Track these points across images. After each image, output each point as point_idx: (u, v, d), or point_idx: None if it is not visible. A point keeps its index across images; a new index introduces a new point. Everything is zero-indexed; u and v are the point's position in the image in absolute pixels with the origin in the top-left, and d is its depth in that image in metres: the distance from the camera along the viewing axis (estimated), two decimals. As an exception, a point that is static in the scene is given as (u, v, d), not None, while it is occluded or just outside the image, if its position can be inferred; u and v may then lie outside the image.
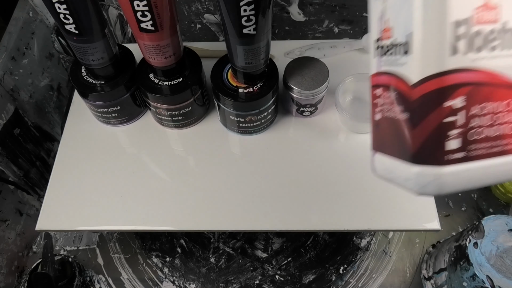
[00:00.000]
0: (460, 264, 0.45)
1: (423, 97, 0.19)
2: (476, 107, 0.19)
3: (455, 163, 0.19)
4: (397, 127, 0.21)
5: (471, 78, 0.19)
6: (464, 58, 0.19)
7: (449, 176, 0.19)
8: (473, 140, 0.19)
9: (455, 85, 0.19)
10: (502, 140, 0.19)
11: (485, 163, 0.19)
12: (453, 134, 0.19)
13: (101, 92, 0.41)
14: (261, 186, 0.41)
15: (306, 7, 0.61)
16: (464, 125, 0.19)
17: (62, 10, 0.33)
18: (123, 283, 0.57)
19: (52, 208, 0.41)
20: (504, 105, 0.19)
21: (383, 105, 0.22)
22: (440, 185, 0.19)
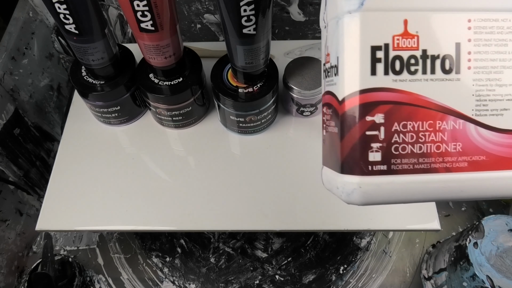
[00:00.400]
0: (460, 264, 0.45)
1: (348, 111, 0.21)
2: (397, 124, 0.21)
3: (378, 174, 0.21)
4: (332, 140, 0.23)
5: (391, 97, 0.21)
6: (383, 79, 0.21)
7: (371, 186, 0.21)
8: (396, 154, 0.21)
9: (375, 102, 0.21)
10: (428, 158, 0.21)
11: (410, 178, 0.21)
12: (375, 147, 0.21)
13: (101, 92, 0.41)
14: (261, 186, 0.41)
15: (306, 7, 0.61)
16: (385, 139, 0.21)
17: (62, 10, 0.33)
18: (123, 283, 0.57)
19: (52, 208, 0.41)
20: (428, 125, 0.21)
21: (326, 122, 0.25)
22: (364, 194, 0.21)
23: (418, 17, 0.21)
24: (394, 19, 0.21)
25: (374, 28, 0.21)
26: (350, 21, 0.21)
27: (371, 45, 0.21)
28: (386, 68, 0.21)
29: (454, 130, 0.21)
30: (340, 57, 0.21)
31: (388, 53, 0.21)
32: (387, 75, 0.21)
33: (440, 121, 0.21)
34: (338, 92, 0.22)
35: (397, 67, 0.21)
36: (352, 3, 0.21)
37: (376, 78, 0.21)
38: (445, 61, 0.21)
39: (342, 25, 0.21)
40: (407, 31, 0.21)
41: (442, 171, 0.21)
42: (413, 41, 0.21)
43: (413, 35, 0.21)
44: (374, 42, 0.21)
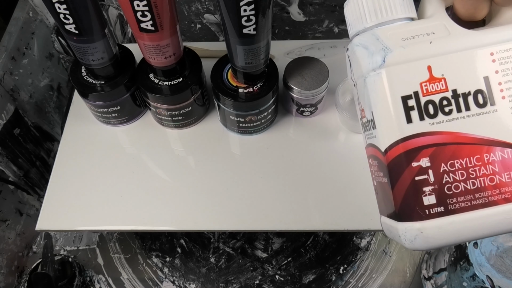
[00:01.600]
0: (460, 264, 0.45)
1: (393, 161, 0.22)
2: (445, 165, 0.21)
3: (437, 217, 0.21)
4: (384, 190, 0.24)
5: (432, 140, 0.21)
6: (420, 124, 0.21)
7: (433, 230, 0.21)
8: (451, 194, 0.21)
9: (418, 148, 0.21)
10: (484, 192, 0.21)
11: (470, 215, 0.21)
12: (428, 190, 0.21)
13: (101, 92, 0.41)
14: (261, 186, 0.41)
15: (306, 7, 0.61)
16: (436, 181, 0.21)
17: (62, 10, 0.33)
18: (123, 283, 0.57)
19: (52, 208, 0.41)
20: (475, 159, 0.21)
21: (374, 173, 0.25)
22: (427, 239, 0.21)
23: (440, 61, 0.22)
24: (417, 67, 0.22)
25: (400, 80, 0.22)
26: (376, 78, 0.22)
27: (401, 96, 0.22)
28: (420, 114, 0.21)
29: (504, 160, 0.21)
30: (374, 111, 0.23)
31: (419, 100, 0.21)
32: (423, 120, 0.21)
33: (487, 154, 0.21)
34: (379, 144, 0.23)
35: (431, 110, 0.21)
36: (374, 61, 0.22)
37: (413, 125, 0.21)
38: (477, 96, 0.21)
39: (370, 83, 0.22)
40: (433, 76, 0.22)
41: (502, 203, 0.21)
42: (440, 84, 0.21)
43: (439, 79, 0.22)
44: (403, 93, 0.22)
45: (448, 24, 0.22)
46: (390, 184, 0.22)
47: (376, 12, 0.23)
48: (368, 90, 0.23)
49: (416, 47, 0.22)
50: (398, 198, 0.22)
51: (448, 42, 0.22)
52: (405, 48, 0.22)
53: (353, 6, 0.24)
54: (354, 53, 0.24)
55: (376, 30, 0.23)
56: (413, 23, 0.23)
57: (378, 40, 0.22)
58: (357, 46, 0.23)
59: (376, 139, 0.23)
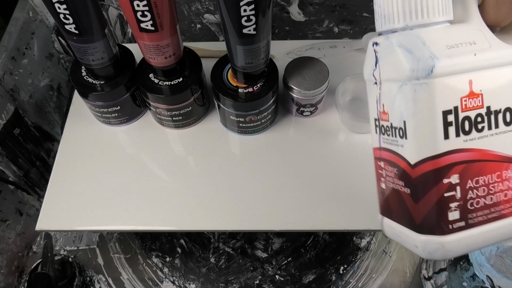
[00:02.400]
0: (460, 264, 0.45)
1: (422, 176, 0.21)
2: (471, 181, 0.21)
3: (458, 231, 0.21)
4: (400, 199, 0.23)
5: (463, 157, 0.21)
6: (456, 141, 0.21)
7: (453, 243, 0.21)
8: (472, 209, 0.21)
9: (450, 165, 0.21)
10: (498, 206, 0.22)
11: (484, 228, 0.22)
12: (453, 206, 0.21)
13: (101, 92, 0.41)
14: (261, 186, 0.41)
15: (306, 7, 0.61)
16: (462, 198, 0.21)
17: (62, 10, 0.33)
18: (123, 283, 0.57)
19: (52, 208, 0.41)
20: (496, 176, 0.22)
21: (386, 177, 0.25)
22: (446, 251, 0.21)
23: (481, 76, 0.21)
24: (460, 81, 0.21)
25: (444, 93, 0.21)
26: (420, 88, 0.21)
27: (443, 111, 0.21)
28: (457, 130, 0.21)
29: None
30: (409, 122, 0.22)
31: (458, 115, 0.21)
32: (458, 136, 0.21)
33: (506, 171, 0.22)
34: (408, 156, 0.22)
35: (467, 127, 0.21)
36: (421, 70, 0.21)
37: (449, 142, 0.21)
38: (506, 114, 0.21)
39: (409, 91, 0.21)
40: (473, 91, 0.21)
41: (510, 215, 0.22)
42: (478, 100, 0.21)
43: (478, 94, 0.21)
44: (445, 107, 0.21)
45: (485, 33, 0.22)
46: (413, 196, 0.22)
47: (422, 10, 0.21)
48: (405, 98, 0.21)
49: (461, 58, 0.21)
50: (422, 212, 0.22)
51: (489, 55, 0.21)
52: (452, 58, 0.21)
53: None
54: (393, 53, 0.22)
55: (419, 31, 0.21)
56: (454, 28, 0.22)
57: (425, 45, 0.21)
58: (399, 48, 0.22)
59: (403, 149, 0.22)
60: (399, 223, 0.24)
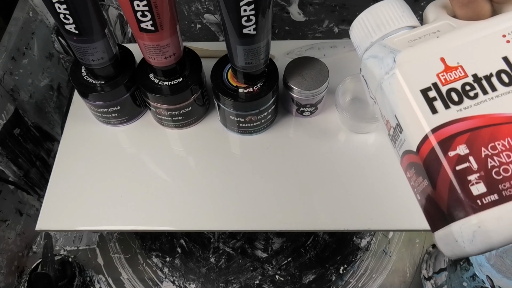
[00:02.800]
0: (460, 264, 0.45)
1: (427, 157, 0.21)
2: (486, 149, 0.20)
3: (492, 206, 0.19)
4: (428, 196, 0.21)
5: (463, 126, 0.20)
6: (447, 113, 0.21)
7: (492, 222, 0.18)
8: (501, 179, 0.19)
9: (450, 136, 0.20)
10: None
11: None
12: (474, 179, 0.19)
13: (101, 92, 0.41)
14: (261, 186, 0.41)
15: (306, 7, 0.61)
16: (481, 168, 0.19)
17: (62, 10, 0.33)
18: (123, 283, 0.57)
19: (52, 208, 0.41)
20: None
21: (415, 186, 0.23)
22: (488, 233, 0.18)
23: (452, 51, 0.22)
24: (430, 61, 0.22)
25: (415, 75, 0.22)
26: (391, 79, 0.22)
27: (420, 89, 0.21)
28: (445, 103, 0.21)
29: None
30: (397, 113, 0.22)
31: (439, 89, 0.21)
32: (448, 108, 0.21)
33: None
34: (410, 145, 0.22)
35: (455, 98, 0.21)
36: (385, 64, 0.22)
37: (440, 115, 0.21)
38: (501, 75, 0.21)
39: (386, 86, 0.23)
40: (448, 65, 0.22)
41: None
42: (458, 72, 0.21)
43: (455, 67, 0.21)
44: (421, 86, 0.21)
45: (452, 21, 0.23)
46: (431, 184, 0.21)
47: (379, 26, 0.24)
48: (386, 95, 0.23)
49: (424, 44, 0.22)
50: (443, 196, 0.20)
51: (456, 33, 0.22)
52: (413, 46, 0.22)
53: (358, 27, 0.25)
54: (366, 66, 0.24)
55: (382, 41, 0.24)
56: (417, 28, 0.24)
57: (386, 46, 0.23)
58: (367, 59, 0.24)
59: (406, 143, 0.22)
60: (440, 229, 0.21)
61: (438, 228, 0.21)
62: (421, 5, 0.56)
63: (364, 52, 0.26)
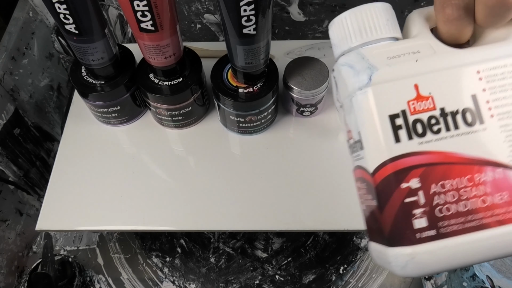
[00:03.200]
0: (460, 264, 0.45)
1: (381, 182, 0.21)
2: (435, 186, 0.20)
3: (428, 241, 0.20)
4: (373, 214, 0.22)
5: (421, 160, 0.21)
6: (409, 144, 0.21)
7: (425, 255, 0.20)
8: (441, 216, 0.20)
9: (407, 168, 0.20)
10: (477, 214, 0.20)
11: (463, 239, 0.20)
12: (418, 213, 0.20)
13: (101, 92, 0.41)
14: (261, 186, 0.41)
15: (306, 7, 0.61)
16: (427, 203, 0.20)
17: (62, 10, 0.33)
18: (123, 283, 0.57)
19: (52, 208, 0.41)
20: (467, 180, 0.20)
21: (362, 197, 0.24)
22: (419, 265, 0.20)
23: (427, 80, 0.21)
24: (404, 86, 0.21)
25: (387, 98, 0.21)
26: (363, 97, 0.22)
27: (389, 114, 0.21)
28: (409, 133, 0.21)
29: (496, 180, 0.20)
30: (362, 131, 0.22)
31: (407, 118, 0.21)
32: (411, 139, 0.21)
33: (479, 174, 0.20)
34: (367, 165, 0.22)
35: (420, 130, 0.21)
36: (360, 80, 0.22)
37: (402, 145, 0.21)
38: (465, 114, 0.21)
39: (356, 102, 0.22)
40: (420, 94, 0.21)
41: (495, 225, 0.20)
42: (428, 103, 0.21)
43: (427, 97, 0.21)
44: (390, 111, 0.21)
45: (433, 43, 0.22)
46: (379, 207, 0.21)
47: (361, 32, 0.23)
48: (354, 110, 0.22)
49: (402, 66, 0.22)
50: (387, 222, 0.21)
51: (434, 60, 0.22)
52: (391, 66, 0.21)
53: (338, 26, 0.24)
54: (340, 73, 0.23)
55: (361, 49, 0.23)
56: (398, 43, 0.23)
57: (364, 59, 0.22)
58: (343, 66, 0.23)
59: (363, 161, 0.22)
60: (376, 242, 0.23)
61: (375, 241, 0.23)
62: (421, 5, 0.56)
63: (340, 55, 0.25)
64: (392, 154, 0.21)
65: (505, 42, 0.22)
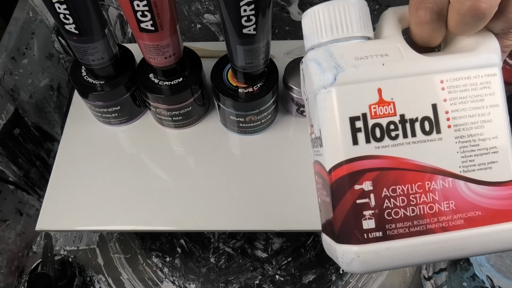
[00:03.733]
0: (460, 264, 0.45)
1: (336, 182, 0.22)
2: (386, 190, 0.21)
3: (374, 242, 0.21)
4: (326, 209, 0.23)
5: (376, 164, 0.21)
6: (366, 147, 0.21)
7: (370, 254, 0.21)
8: (390, 219, 0.21)
9: (361, 171, 0.21)
10: (423, 219, 0.21)
11: (407, 242, 0.21)
12: (368, 214, 0.21)
13: (101, 92, 0.41)
14: (261, 186, 0.41)
15: (306, 7, 0.61)
16: (377, 206, 0.21)
17: (62, 10, 0.33)
18: (123, 283, 0.57)
19: (52, 208, 0.41)
20: (417, 186, 0.21)
21: (318, 190, 0.25)
22: (364, 263, 0.21)
23: (391, 85, 0.21)
24: (368, 89, 0.21)
25: (350, 100, 0.21)
26: (326, 96, 0.22)
27: (350, 116, 0.21)
28: (367, 137, 0.21)
29: (445, 189, 0.21)
30: (322, 129, 0.22)
31: (367, 122, 0.21)
32: (369, 143, 0.21)
33: (429, 182, 0.21)
34: (325, 163, 0.22)
35: (378, 134, 0.21)
36: (325, 78, 0.21)
37: (359, 147, 0.21)
38: (424, 123, 0.21)
39: (320, 100, 0.22)
40: (382, 98, 0.21)
41: (439, 231, 0.21)
42: (389, 108, 0.21)
43: (388, 102, 0.21)
44: (352, 113, 0.21)
45: (402, 47, 0.22)
46: (332, 204, 0.22)
47: (332, 28, 0.23)
48: (317, 107, 0.22)
49: (368, 68, 0.21)
50: (338, 220, 0.22)
51: (400, 65, 0.22)
52: (357, 68, 0.21)
53: (310, 19, 0.24)
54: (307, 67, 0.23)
55: (330, 46, 0.23)
56: (368, 43, 0.23)
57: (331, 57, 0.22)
58: (310, 61, 0.23)
59: (322, 157, 0.23)
60: (328, 235, 0.24)
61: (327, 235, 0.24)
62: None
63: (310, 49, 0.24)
64: (349, 156, 0.21)
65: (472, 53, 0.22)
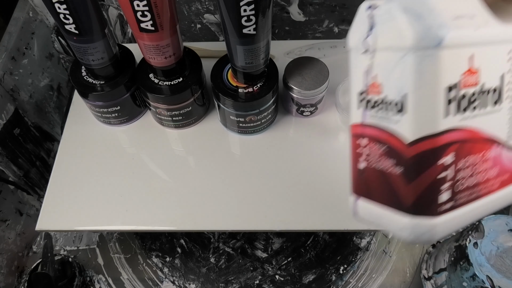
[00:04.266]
0: (460, 264, 0.45)
1: (418, 155, 0.20)
2: (462, 162, 0.21)
3: (445, 213, 0.21)
4: (388, 179, 0.22)
5: (458, 137, 0.20)
6: (453, 119, 0.20)
7: (441, 225, 0.21)
8: (458, 191, 0.21)
9: (448, 144, 0.20)
10: (478, 187, 0.22)
11: (466, 209, 0.21)
12: (444, 188, 0.20)
13: (101, 92, 0.41)
14: (261, 186, 0.41)
15: (306, 7, 0.61)
16: (452, 178, 0.21)
17: (62, 10, 0.33)
18: (123, 283, 0.57)
19: (52, 208, 0.41)
20: (480, 156, 0.21)
21: (369, 156, 0.23)
22: (434, 234, 0.21)
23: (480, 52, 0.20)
24: (463, 56, 0.19)
25: (449, 67, 0.19)
26: (426, 59, 0.19)
27: (447, 86, 0.19)
28: (457, 108, 0.20)
29: (495, 157, 0.22)
30: (411, 96, 0.20)
31: (458, 92, 0.20)
32: (456, 115, 0.20)
33: (486, 151, 0.21)
34: (405, 132, 0.20)
35: (463, 105, 0.20)
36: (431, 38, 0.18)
37: (448, 120, 0.20)
38: (494, 93, 0.21)
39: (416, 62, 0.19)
40: (471, 67, 0.20)
41: (485, 195, 0.22)
42: (475, 77, 0.20)
43: (475, 71, 0.20)
44: (449, 82, 0.19)
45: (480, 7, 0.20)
46: (406, 177, 0.21)
47: None
48: (407, 70, 0.19)
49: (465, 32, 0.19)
50: (414, 193, 0.20)
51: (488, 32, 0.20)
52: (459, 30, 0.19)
53: None
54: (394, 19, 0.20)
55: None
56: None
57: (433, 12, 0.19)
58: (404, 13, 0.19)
59: (398, 126, 0.20)
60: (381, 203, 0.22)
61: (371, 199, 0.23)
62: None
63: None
64: (440, 129, 0.20)
65: None
